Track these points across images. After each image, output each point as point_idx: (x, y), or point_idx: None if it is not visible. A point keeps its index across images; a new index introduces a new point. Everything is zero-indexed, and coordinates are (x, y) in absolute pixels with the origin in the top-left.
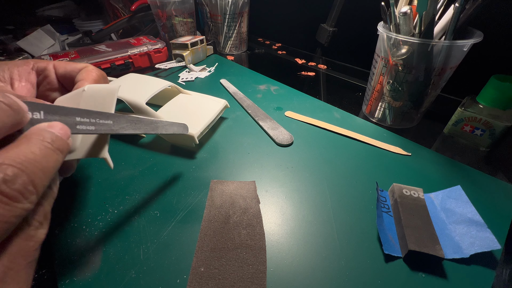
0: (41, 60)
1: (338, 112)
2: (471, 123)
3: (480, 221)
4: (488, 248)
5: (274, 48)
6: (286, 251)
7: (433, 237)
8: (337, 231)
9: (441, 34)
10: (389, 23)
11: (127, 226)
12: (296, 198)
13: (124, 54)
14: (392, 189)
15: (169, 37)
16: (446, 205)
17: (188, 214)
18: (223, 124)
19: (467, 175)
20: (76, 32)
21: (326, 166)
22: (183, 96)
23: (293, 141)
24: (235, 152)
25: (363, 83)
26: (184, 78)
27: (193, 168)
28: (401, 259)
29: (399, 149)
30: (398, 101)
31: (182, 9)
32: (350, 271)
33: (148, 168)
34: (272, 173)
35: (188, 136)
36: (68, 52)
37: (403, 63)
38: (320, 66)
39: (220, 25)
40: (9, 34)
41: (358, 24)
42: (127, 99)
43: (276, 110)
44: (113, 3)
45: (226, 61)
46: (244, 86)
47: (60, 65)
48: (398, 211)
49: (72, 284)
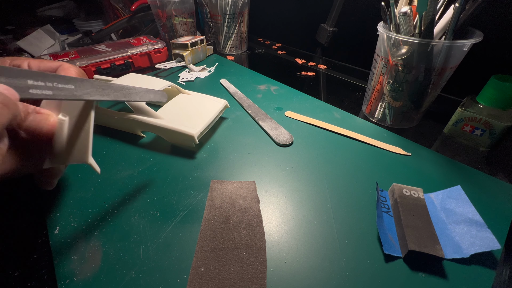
0: (18, 57)
1: (338, 112)
2: (471, 123)
3: (480, 221)
4: (488, 248)
5: (274, 48)
6: (286, 251)
7: (433, 237)
8: (337, 231)
9: (441, 34)
10: (389, 23)
11: (127, 226)
12: (296, 198)
13: (124, 54)
14: (392, 189)
15: (169, 37)
16: (446, 205)
17: (188, 214)
18: (223, 124)
19: (467, 175)
20: (76, 32)
21: (326, 166)
22: (183, 96)
23: (293, 141)
24: (235, 152)
25: (363, 83)
26: (184, 78)
27: (193, 168)
28: (401, 259)
29: (399, 149)
30: (398, 101)
31: (182, 9)
32: (350, 271)
33: (148, 168)
34: (272, 173)
35: (188, 136)
36: (68, 52)
37: (403, 63)
38: (320, 66)
39: (220, 25)
40: (9, 34)
41: (358, 24)
42: None
43: (276, 110)
44: (113, 3)
45: (226, 61)
46: (244, 86)
47: (34, 63)
48: (398, 211)
49: (72, 284)
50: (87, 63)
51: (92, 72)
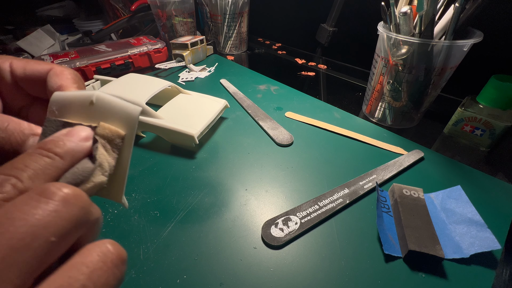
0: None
1: (338, 112)
2: (471, 123)
3: (480, 221)
4: (488, 248)
5: (274, 48)
6: (286, 251)
7: (433, 237)
8: (337, 231)
9: (441, 34)
10: (389, 23)
11: (127, 226)
12: (296, 198)
13: (124, 54)
14: (392, 189)
15: (169, 37)
16: (446, 205)
17: (188, 214)
18: (223, 124)
19: (467, 175)
20: (76, 32)
21: (326, 166)
22: (183, 96)
23: (293, 141)
24: (235, 152)
25: (363, 83)
26: (184, 78)
27: (193, 168)
28: (401, 259)
29: (399, 149)
30: (398, 101)
31: (182, 9)
32: (350, 271)
33: (148, 168)
34: (272, 173)
35: (188, 136)
36: (68, 52)
37: (403, 63)
38: (320, 66)
39: (220, 25)
40: (9, 34)
41: (358, 24)
42: (127, 99)
43: (276, 110)
44: (113, 3)
45: (226, 61)
46: (244, 86)
47: (18, 65)
48: (398, 211)
49: None
50: (87, 63)
51: (92, 72)
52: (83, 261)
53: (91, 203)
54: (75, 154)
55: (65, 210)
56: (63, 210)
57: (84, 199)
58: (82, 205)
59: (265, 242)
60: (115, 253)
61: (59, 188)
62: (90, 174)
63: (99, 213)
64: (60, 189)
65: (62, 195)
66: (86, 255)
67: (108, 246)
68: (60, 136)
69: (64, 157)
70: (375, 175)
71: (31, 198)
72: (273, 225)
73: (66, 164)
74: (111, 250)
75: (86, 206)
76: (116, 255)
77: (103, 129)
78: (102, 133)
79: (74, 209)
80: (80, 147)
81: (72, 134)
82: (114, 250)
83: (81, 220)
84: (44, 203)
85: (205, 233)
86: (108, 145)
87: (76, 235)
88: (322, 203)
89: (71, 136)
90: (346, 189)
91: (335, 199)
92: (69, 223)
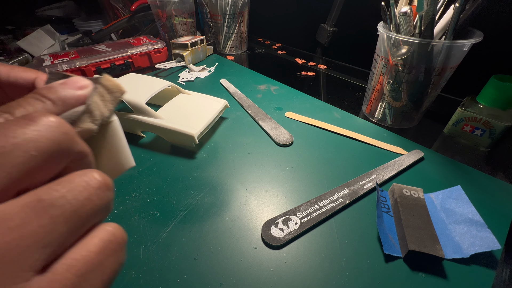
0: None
1: (338, 112)
2: (471, 123)
3: (480, 221)
4: (488, 248)
5: (274, 48)
6: (286, 251)
7: (433, 237)
8: (337, 231)
9: (441, 34)
10: (389, 23)
11: (127, 226)
12: (296, 198)
13: (124, 54)
14: (392, 189)
15: (169, 37)
16: (446, 205)
17: (188, 214)
18: (223, 124)
19: (467, 175)
20: (76, 32)
21: (326, 166)
22: (183, 96)
23: (293, 141)
24: (235, 152)
25: (363, 83)
26: (184, 78)
27: (193, 168)
28: (401, 259)
29: (399, 149)
30: (398, 101)
31: (182, 9)
32: (350, 271)
33: (148, 168)
34: (272, 173)
35: (188, 136)
36: (68, 52)
37: (403, 63)
38: (320, 66)
39: (220, 25)
40: (9, 34)
41: (358, 24)
42: (127, 99)
43: (276, 110)
44: (113, 3)
45: (226, 61)
46: (244, 86)
47: (2, 70)
48: (398, 211)
49: None
50: (87, 63)
51: (92, 72)
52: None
53: (76, 134)
54: (66, 100)
55: (47, 130)
56: (45, 130)
57: (67, 127)
58: (64, 131)
59: (265, 242)
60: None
61: (44, 114)
62: (78, 119)
63: (85, 148)
64: (45, 115)
65: (45, 119)
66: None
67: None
68: (55, 84)
69: (55, 102)
70: (375, 175)
71: (16, 120)
72: (273, 225)
73: (57, 109)
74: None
75: (68, 133)
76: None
77: (106, 81)
78: (105, 83)
79: (56, 132)
80: (72, 94)
81: (68, 82)
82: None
83: (64, 145)
84: (27, 124)
85: (205, 233)
86: (108, 96)
87: (59, 160)
88: (322, 203)
89: (66, 85)
90: (346, 189)
91: (335, 199)
92: (51, 142)
